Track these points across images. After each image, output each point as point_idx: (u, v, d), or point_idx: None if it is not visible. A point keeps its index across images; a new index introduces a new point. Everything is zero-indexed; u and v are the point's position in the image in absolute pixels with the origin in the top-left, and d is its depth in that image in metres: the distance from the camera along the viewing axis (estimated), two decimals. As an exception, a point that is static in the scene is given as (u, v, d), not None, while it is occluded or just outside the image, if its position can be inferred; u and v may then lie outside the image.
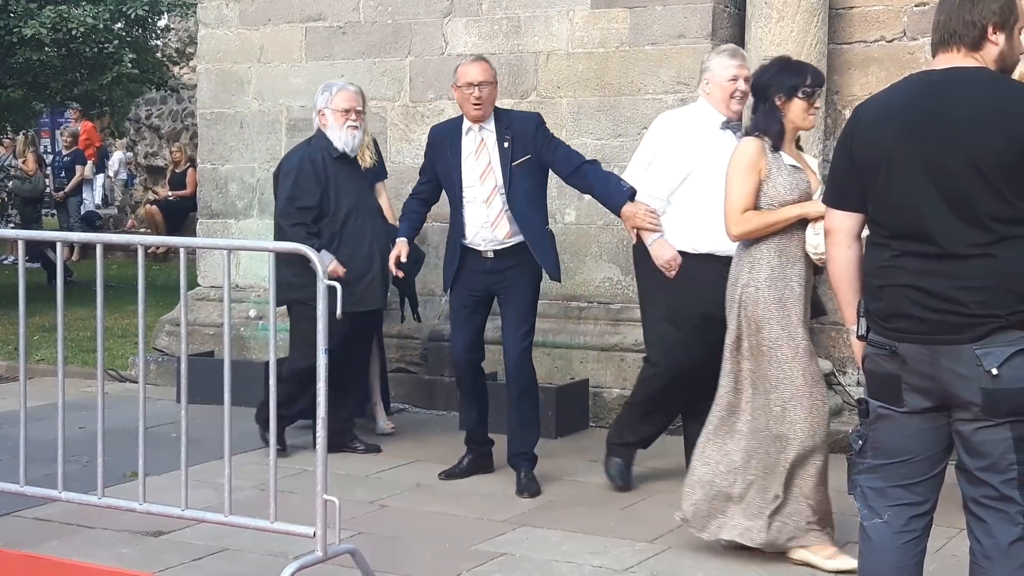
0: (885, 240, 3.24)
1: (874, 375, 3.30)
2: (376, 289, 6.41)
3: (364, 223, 6.41)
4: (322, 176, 6.34)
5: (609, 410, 7.21)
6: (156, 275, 11.99)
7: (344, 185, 6.41)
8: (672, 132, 5.75)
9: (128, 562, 4.74)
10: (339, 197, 6.36)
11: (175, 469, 4.59)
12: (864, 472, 3.36)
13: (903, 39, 7.04)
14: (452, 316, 6.10)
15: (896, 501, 3.31)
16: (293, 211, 6.33)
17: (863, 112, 3.35)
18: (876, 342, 3.27)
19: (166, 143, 18.67)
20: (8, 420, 5.55)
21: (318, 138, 6.48)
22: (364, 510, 5.49)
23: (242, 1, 8.43)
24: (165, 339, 8.64)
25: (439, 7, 7.81)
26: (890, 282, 3.22)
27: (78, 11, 11.16)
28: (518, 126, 5.90)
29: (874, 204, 3.27)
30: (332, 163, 6.40)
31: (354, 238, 6.36)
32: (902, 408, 3.24)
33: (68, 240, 5.95)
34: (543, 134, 5.90)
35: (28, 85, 12.45)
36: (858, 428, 3.38)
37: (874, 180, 3.24)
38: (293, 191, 6.34)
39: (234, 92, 8.50)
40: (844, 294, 3.42)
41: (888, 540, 3.32)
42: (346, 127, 6.40)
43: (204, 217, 8.73)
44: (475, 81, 5.80)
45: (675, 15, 7.16)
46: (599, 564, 4.80)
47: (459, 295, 6.00)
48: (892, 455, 3.29)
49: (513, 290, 5.92)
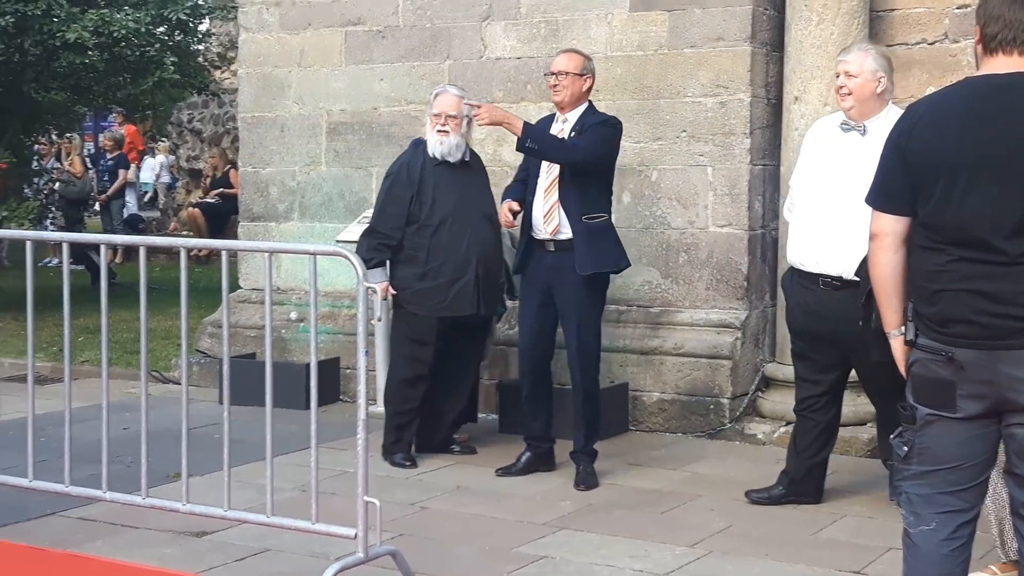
0: (939, 245, 3.18)
1: (925, 380, 3.25)
2: (467, 295, 6.29)
3: (462, 229, 6.30)
4: (415, 182, 6.35)
5: (649, 414, 7.20)
6: (198, 277, 12.09)
7: (443, 191, 6.33)
8: (806, 137, 5.76)
9: (171, 562, 4.78)
10: (435, 203, 6.31)
11: (217, 470, 4.63)
12: (910, 479, 3.32)
13: (945, 41, 6.99)
14: (520, 311, 6.27)
15: (944, 508, 3.27)
16: (380, 217, 6.44)
17: (919, 115, 3.27)
18: (929, 347, 3.22)
19: (207, 147, 18.80)
20: (53, 421, 5.61)
21: (426, 143, 6.49)
22: (405, 512, 5.50)
23: (283, 5, 8.49)
24: (207, 341, 8.70)
25: (478, 11, 7.83)
26: (946, 287, 3.16)
27: (120, 15, 11.27)
28: (588, 122, 6.07)
29: (929, 209, 3.20)
30: (433, 169, 6.36)
31: (449, 244, 6.29)
32: (955, 414, 3.20)
33: (112, 243, 6.00)
34: (595, 129, 6.01)
35: (71, 89, 12.58)
36: (903, 434, 3.34)
37: (931, 185, 3.18)
38: (385, 198, 6.46)
39: (275, 96, 8.56)
40: (888, 298, 3.36)
41: (935, 547, 3.29)
42: (435, 132, 6.35)
43: (245, 220, 8.79)
44: (554, 70, 6.09)
45: (714, 18, 7.14)
46: (639, 568, 4.80)
47: (526, 291, 6.20)
48: (941, 461, 3.25)
49: (566, 289, 6.01)
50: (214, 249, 11.67)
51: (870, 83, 5.37)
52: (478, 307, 6.33)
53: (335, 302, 8.09)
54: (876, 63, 5.40)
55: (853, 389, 6.88)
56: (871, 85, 5.37)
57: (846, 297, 5.11)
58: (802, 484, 5.68)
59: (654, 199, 7.33)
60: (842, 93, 5.43)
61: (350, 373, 7.83)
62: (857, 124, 5.41)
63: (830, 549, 5.04)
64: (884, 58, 5.50)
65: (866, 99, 5.38)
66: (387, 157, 7.57)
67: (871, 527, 5.33)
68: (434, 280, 6.28)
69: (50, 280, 7.67)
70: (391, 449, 6.42)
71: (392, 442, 6.43)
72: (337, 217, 8.26)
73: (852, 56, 5.44)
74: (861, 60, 5.40)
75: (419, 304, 6.32)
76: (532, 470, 6.19)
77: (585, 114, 6.10)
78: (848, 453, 6.58)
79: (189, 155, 19.57)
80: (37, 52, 11.73)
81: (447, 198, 6.32)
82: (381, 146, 8.12)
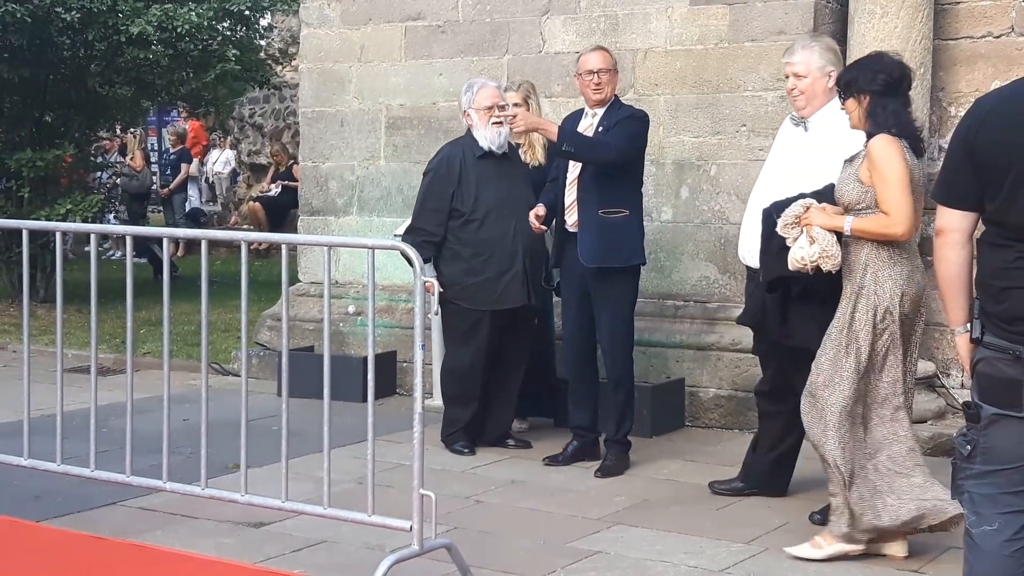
0: (1008, 242, 3.11)
1: (991, 379, 3.18)
2: (517, 287, 6.33)
3: (507, 222, 6.34)
4: (456, 177, 6.38)
5: (705, 410, 7.17)
6: (258, 271, 12.19)
7: (486, 185, 6.37)
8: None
9: (229, 552, 4.83)
10: (479, 197, 6.35)
11: (275, 462, 4.68)
12: (972, 478, 3.26)
13: (1011, 34, 6.88)
14: (562, 302, 6.32)
15: (1008, 508, 3.21)
16: (421, 214, 6.49)
17: (989, 108, 3.20)
18: (996, 346, 3.16)
19: (269, 141, 18.96)
20: (115, 412, 5.68)
21: (465, 138, 6.54)
22: (459, 505, 5.52)
23: (343, 1, 8.53)
24: (267, 334, 8.78)
25: (537, 5, 7.83)
26: (1015, 284, 3.10)
27: (183, 10, 11.39)
28: (615, 117, 6.09)
29: (998, 205, 3.13)
30: (475, 163, 6.39)
31: (496, 237, 6.33)
32: (1021, 413, 3.14)
33: (174, 236, 6.08)
34: (623, 123, 6.04)
35: (135, 83, 12.74)
36: (965, 432, 3.28)
37: (999, 181, 3.11)
38: (426, 193, 6.51)
39: (335, 91, 8.61)
40: (954, 296, 3.31)
41: (997, 548, 3.23)
42: (491, 124, 6.36)
43: (305, 214, 8.86)
44: (594, 68, 6.09)
45: (775, 11, 7.08)
46: (694, 564, 4.78)
47: (565, 283, 6.26)
48: (1005, 460, 3.19)
49: (596, 281, 6.06)
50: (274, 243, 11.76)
51: (820, 80, 5.33)
52: (528, 297, 6.37)
53: (392, 296, 8.13)
54: (823, 59, 5.35)
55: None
56: (822, 82, 5.33)
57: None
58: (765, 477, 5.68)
59: (712, 194, 7.29)
60: (793, 95, 5.40)
61: (406, 366, 7.86)
62: (802, 120, 5.41)
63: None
64: (830, 51, 5.43)
65: (818, 96, 5.34)
66: (445, 152, 7.60)
67: (931, 527, 5.26)
68: (482, 274, 6.32)
69: (113, 273, 7.78)
70: (450, 440, 6.50)
71: (450, 433, 6.51)
72: (395, 211, 8.30)
73: (798, 56, 5.37)
74: (807, 59, 5.34)
75: (470, 300, 6.37)
76: (578, 460, 6.24)
77: (612, 107, 6.16)
78: (908, 452, 6.50)
79: (250, 150, 19.75)
80: (102, 47, 11.89)
81: (490, 191, 6.36)
82: (440, 141, 8.11)
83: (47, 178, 12.09)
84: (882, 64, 4.85)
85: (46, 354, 7.29)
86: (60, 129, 12.59)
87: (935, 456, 6.45)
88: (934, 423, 6.75)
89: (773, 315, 5.15)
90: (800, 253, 4.78)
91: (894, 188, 4.66)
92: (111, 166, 15.15)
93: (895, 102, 4.78)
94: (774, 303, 5.12)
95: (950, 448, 6.52)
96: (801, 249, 4.78)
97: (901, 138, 4.76)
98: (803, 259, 4.77)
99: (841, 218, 4.77)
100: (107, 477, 5.02)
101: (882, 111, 4.74)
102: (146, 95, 13.58)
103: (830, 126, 5.23)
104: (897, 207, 4.66)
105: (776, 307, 5.12)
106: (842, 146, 5.01)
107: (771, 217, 4.97)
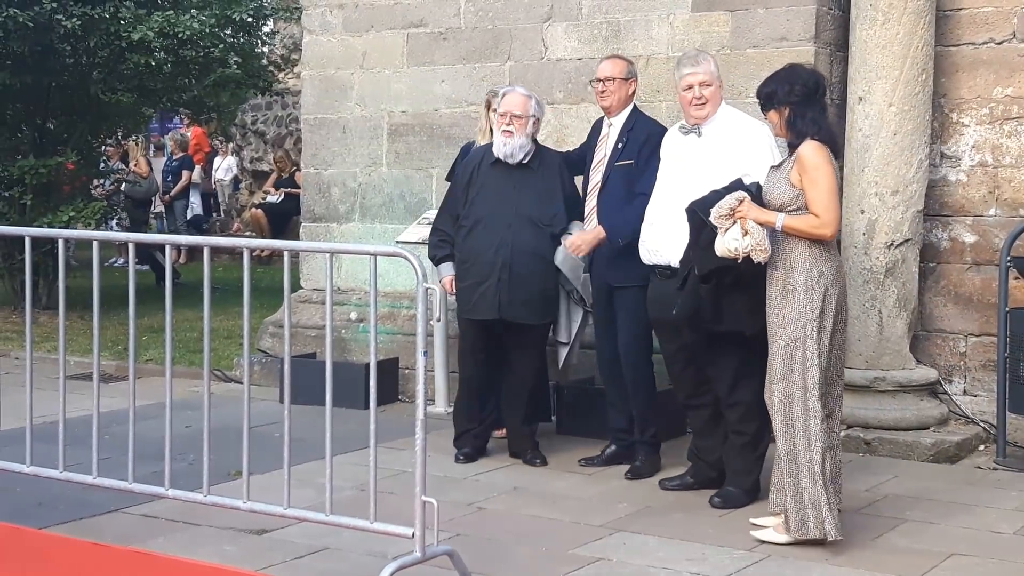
0: None
1: None
2: (488, 299, 6.18)
3: (493, 234, 6.21)
4: (467, 181, 6.41)
5: (708, 416, 7.16)
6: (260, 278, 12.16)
7: (486, 193, 6.30)
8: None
9: (232, 559, 4.82)
10: (473, 204, 6.32)
11: (278, 468, 4.67)
12: None
13: (1013, 41, 6.88)
14: (594, 310, 6.34)
15: None
16: (439, 214, 6.61)
17: None
18: None
19: (271, 148, 18.97)
20: (117, 418, 5.69)
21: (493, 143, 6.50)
22: (462, 512, 5.52)
23: (346, 8, 8.55)
24: (269, 340, 8.79)
25: (539, 12, 7.83)
26: None
27: (185, 16, 11.40)
28: (638, 129, 6.13)
29: None
30: (487, 170, 6.35)
31: (478, 246, 6.26)
32: None
33: (176, 243, 6.07)
34: (651, 148, 6.03)
35: (137, 90, 12.76)
36: None
37: None
38: (447, 194, 6.64)
39: (337, 98, 8.62)
40: None
41: None
42: (500, 132, 6.31)
43: (307, 221, 8.86)
44: (601, 76, 6.21)
45: (777, 18, 7.09)
46: (696, 571, 4.77)
47: (596, 288, 6.26)
48: None
49: (617, 293, 6.13)
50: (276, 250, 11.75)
51: (719, 88, 5.73)
52: (499, 311, 6.19)
53: (395, 302, 8.13)
54: (716, 67, 5.77)
55: (914, 392, 6.82)
56: (720, 90, 5.74)
57: (674, 284, 5.50)
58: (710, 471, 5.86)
59: (715, 201, 7.28)
60: (698, 103, 5.68)
61: (409, 373, 7.87)
62: (694, 127, 5.71)
63: (890, 554, 4.99)
64: (715, 60, 5.89)
65: (718, 103, 5.72)
66: (447, 159, 7.60)
67: (931, 533, 5.27)
68: (463, 281, 6.32)
69: (115, 280, 7.78)
70: (455, 444, 6.53)
71: (455, 438, 6.55)
72: (397, 218, 8.31)
73: (701, 67, 5.71)
74: (708, 67, 5.72)
75: (458, 305, 6.42)
76: (615, 463, 6.27)
77: (631, 116, 6.19)
78: (910, 457, 6.50)
79: (253, 156, 19.77)
80: (104, 54, 11.91)
81: (486, 200, 6.30)
82: (442, 148, 8.15)
83: (49, 185, 12.10)
84: (797, 76, 5.18)
85: (48, 361, 7.28)
86: (62, 136, 12.61)
87: (938, 463, 6.46)
88: (936, 430, 6.74)
89: (707, 305, 5.37)
90: (733, 244, 5.03)
91: (824, 192, 4.98)
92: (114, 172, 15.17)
93: (813, 110, 5.10)
94: (707, 293, 5.34)
95: (953, 455, 6.54)
96: (735, 240, 5.02)
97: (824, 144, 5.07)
98: (736, 249, 5.02)
99: (774, 214, 5.03)
100: (109, 484, 5.02)
101: (801, 120, 5.08)
102: (148, 102, 13.59)
103: (722, 130, 5.65)
104: (826, 209, 4.98)
105: (709, 297, 5.35)
106: (735, 146, 5.55)
107: (696, 215, 5.23)
